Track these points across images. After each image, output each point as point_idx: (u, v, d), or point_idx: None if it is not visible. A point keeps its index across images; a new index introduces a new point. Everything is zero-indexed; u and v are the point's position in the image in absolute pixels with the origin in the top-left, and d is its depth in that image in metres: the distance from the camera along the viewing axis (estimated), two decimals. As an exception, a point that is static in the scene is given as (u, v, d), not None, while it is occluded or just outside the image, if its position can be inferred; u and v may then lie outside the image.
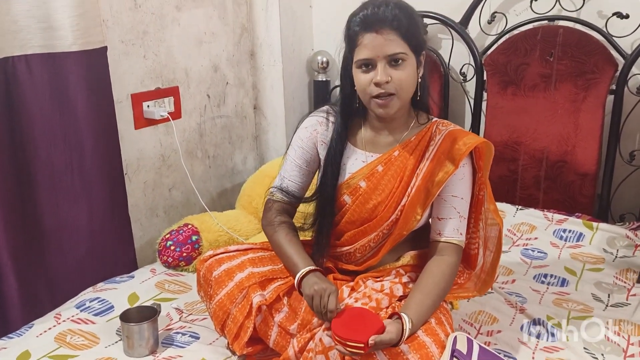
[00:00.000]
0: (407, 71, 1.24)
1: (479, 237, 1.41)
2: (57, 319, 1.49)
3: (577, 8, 2.04)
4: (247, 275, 1.35)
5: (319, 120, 1.40)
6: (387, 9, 1.22)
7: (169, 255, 1.81)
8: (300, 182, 1.42)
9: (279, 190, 1.42)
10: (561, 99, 2.06)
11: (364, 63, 1.24)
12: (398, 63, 1.23)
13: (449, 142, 1.30)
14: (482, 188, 1.35)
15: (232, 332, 1.33)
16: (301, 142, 1.40)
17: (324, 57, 2.45)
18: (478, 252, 1.42)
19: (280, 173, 1.44)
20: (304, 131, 1.40)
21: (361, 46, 1.23)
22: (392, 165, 1.33)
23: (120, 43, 1.85)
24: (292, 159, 1.41)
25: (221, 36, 2.26)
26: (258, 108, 2.53)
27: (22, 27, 1.51)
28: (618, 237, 1.89)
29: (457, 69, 2.29)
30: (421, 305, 1.22)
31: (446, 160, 1.29)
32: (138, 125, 1.95)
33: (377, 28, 1.21)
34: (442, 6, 2.24)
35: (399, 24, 1.21)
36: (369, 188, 1.33)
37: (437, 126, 1.34)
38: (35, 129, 1.58)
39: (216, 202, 2.36)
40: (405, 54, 1.23)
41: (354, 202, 1.35)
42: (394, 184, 1.32)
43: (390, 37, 1.21)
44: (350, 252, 1.39)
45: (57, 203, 1.66)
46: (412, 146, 1.33)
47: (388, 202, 1.32)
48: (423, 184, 1.30)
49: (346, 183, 1.36)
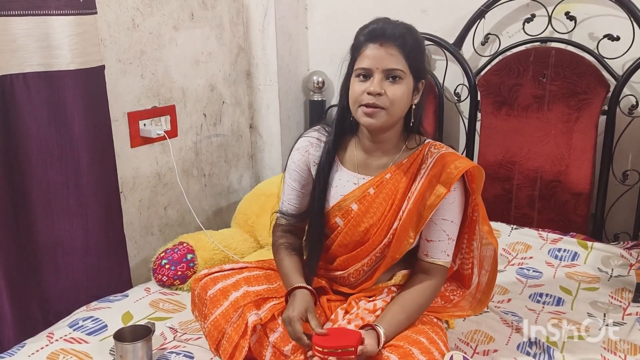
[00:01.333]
0: (401, 89, 1.25)
1: (474, 257, 1.42)
2: (50, 338, 1.47)
3: (569, 30, 2.07)
4: (243, 294, 1.35)
5: (310, 141, 1.41)
6: (396, 28, 1.25)
7: (163, 274, 1.80)
8: (299, 204, 1.44)
9: (281, 215, 1.46)
10: (554, 119, 2.08)
11: (362, 72, 1.26)
12: (394, 80, 1.25)
13: (440, 166, 1.31)
14: (476, 209, 1.36)
15: (227, 352, 1.31)
16: (295, 165, 1.42)
17: (319, 77, 2.48)
18: (472, 271, 1.43)
19: (281, 196, 1.46)
20: (296, 153, 1.42)
21: (363, 55, 1.26)
22: (383, 188, 1.33)
23: (117, 62, 1.86)
24: (289, 183, 1.44)
25: (218, 56, 2.29)
26: (254, 127, 2.54)
27: (20, 46, 1.52)
28: (613, 256, 1.90)
29: (452, 89, 2.32)
30: (394, 318, 1.26)
31: (438, 184, 1.30)
32: (134, 143, 1.95)
33: (381, 41, 1.24)
34: (436, 27, 2.27)
35: (403, 43, 1.24)
36: (361, 211, 1.34)
37: (429, 149, 1.35)
38: (31, 146, 1.58)
39: (211, 220, 2.36)
40: (403, 72, 1.25)
41: (346, 224, 1.35)
42: (386, 207, 1.32)
43: (392, 52, 1.24)
44: (344, 276, 1.39)
45: (52, 220, 1.65)
46: (404, 169, 1.33)
47: (380, 225, 1.33)
48: (415, 207, 1.30)
49: (338, 205, 1.36)
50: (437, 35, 2.25)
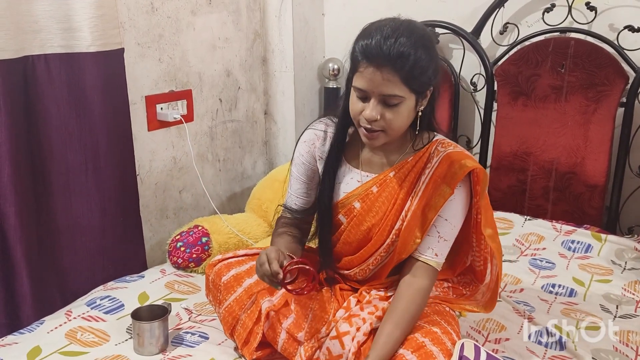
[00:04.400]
0: (399, 112, 1.18)
1: (488, 253, 1.37)
2: (68, 315, 1.50)
3: (589, 21, 2.05)
4: (256, 281, 1.35)
5: (316, 134, 1.37)
6: (394, 44, 1.12)
7: (178, 256, 1.82)
8: (307, 196, 1.40)
9: (286, 209, 1.42)
10: (571, 111, 2.07)
11: (359, 93, 1.19)
12: (392, 104, 1.17)
13: (446, 166, 1.25)
14: (480, 212, 1.29)
15: (242, 337, 1.33)
16: (302, 158, 1.38)
17: (335, 65, 2.47)
18: (485, 267, 1.39)
19: (288, 190, 1.43)
20: (303, 146, 1.38)
21: (360, 74, 1.17)
22: (386, 187, 1.29)
23: (136, 45, 1.87)
24: (296, 176, 1.40)
25: (234, 41, 2.29)
26: (269, 113, 2.55)
27: (42, 27, 1.53)
28: (626, 249, 1.89)
29: (468, 79, 2.31)
30: (390, 337, 1.20)
31: (443, 184, 1.24)
32: (151, 127, 1.97)
33: (377, 64, 1.13)
34: (454, 16, 2.26)
35: (402, 65, 1.13)
36: (363, 209, 1.31)
37: (436, 147, 1.29)
38: (51, 127, 1.60)
39: (225, 205, 2.38)
40: (402, 97, 1.16)
41: (349, 223, 1.33)
42: (388, 207, 1.29)
43: (389, 78, 1.14)
44: (351, 275, 1.39)
45: (70, 202, 1.67)
46: (409, 168, 1.28)
47: (382, 224, 1.30)
48: (419, 208, 1.26)
49: (341, 202, 1.34)
50: (455, 24, 2.23)
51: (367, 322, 1.27)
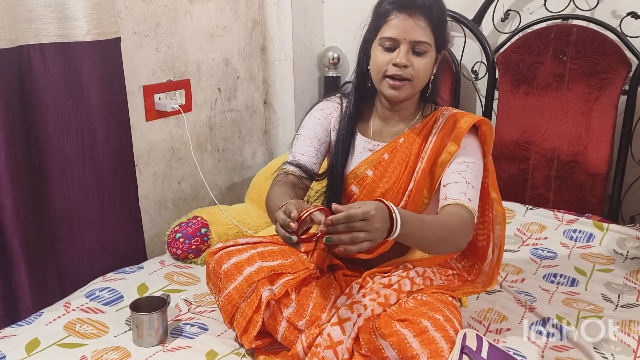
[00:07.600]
0: (426, 62, 1.27)
1: (489, 228, 1.40)
2: (67, 307, 1.50)
3: (591, 7, 2.03)
4: (256, 270, 1.35)
5: (334, 105, 1.43)
6: None
7: (178, 247, 1.81)
8: (314, 156, 1.39)
9: (290, 164, 1.38)
10: (573, 99, 2.05)
11: (388, 42, 1.25)
12: (420, 52, 1.25)
13: (452, 123, 1.32)
14: (487, 175, 1.36)
15: (241, 326, 1.33)
16: (317, 121, 1.41)
17: (334, 53, 2.45)
18: (487, 243, 1.42)
19: (291, 152, 1.41)
20: (320, 112, 1.43)
21: (389, 24, 1.24)
22: (397, 152, 1.34)
23: (133, 34, 1.85)
24: (306, 137, 1.40)
25: (233, 30, 2.26)
26: (268, 103, 2.53)
27: (37, 16, 1.51)
28: (628, 238, 1.88)
29: (469, 66, 2.28)
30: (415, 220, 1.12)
31: (449, 141, 1.31)
32: (149, 117, 1.95)
33: (411, 11, 1.22)
34: (455, 3, 2.23)
35: (431, 14, 1.23)
36: (376, 177, 1.35)
37: (442, 112, 1.37)
38: (48, 117, 1.58)
39: (225, 195, 2.36)
40: (430, 45, 1.25)
41: (362, 191, 1.36)
42: (400, 170, 1.33)
43: (421, 24, 1.23)
44: None
45: (68, 192, 1.66)
46: (417, 132, 1.35)
47: (395, 188, 1.34)
48: (428, 166, 1.31)
49: (353, 172, 1.37)
50: (456, 11, 2.21)
51: (369, 308, 1.26)
